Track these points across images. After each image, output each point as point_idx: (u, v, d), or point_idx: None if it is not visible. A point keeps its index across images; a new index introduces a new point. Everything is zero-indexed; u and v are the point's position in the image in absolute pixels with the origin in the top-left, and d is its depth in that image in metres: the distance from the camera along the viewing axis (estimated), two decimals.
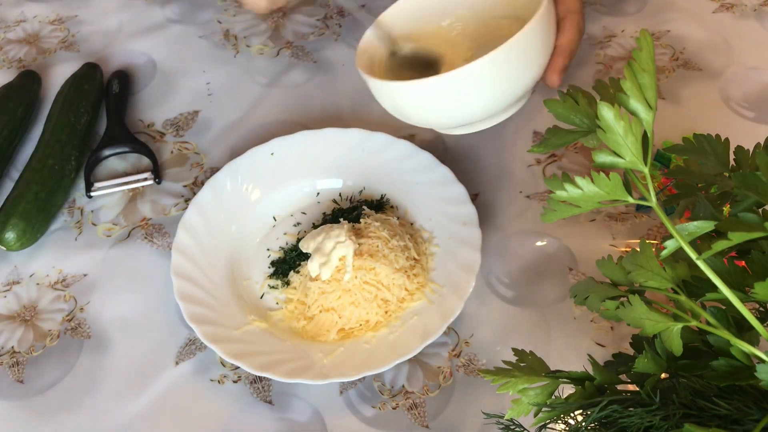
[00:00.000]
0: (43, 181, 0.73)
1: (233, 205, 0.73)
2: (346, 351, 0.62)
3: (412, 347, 0.60)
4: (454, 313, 0.62)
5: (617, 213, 0.73)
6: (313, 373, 0.60)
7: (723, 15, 0.93)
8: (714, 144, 0.50)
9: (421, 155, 0.74)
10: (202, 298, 0.65)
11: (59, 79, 0.85)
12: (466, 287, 0.63)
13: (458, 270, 0.65)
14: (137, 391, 0.63)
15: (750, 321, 0.41)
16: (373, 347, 0.62)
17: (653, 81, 0.41)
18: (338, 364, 0.61)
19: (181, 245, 0.68)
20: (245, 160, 0.75)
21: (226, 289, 0.67)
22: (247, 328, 0.64)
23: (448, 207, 0.70)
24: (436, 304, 0.64)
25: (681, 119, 0.81)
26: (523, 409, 0.45)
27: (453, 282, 0.65)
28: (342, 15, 0.95)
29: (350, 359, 0.61)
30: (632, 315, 0.44)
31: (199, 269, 0.67)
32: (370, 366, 0.60)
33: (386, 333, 0.63)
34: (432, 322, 0.62)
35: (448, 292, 0.64)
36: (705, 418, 0.42)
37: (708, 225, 0.42)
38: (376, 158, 0.75)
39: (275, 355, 0.62)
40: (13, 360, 0.66)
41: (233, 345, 0.62)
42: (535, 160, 0.78)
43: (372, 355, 0.61)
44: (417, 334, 0.62)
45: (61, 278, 0.71)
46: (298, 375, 0.59)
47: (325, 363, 0.61)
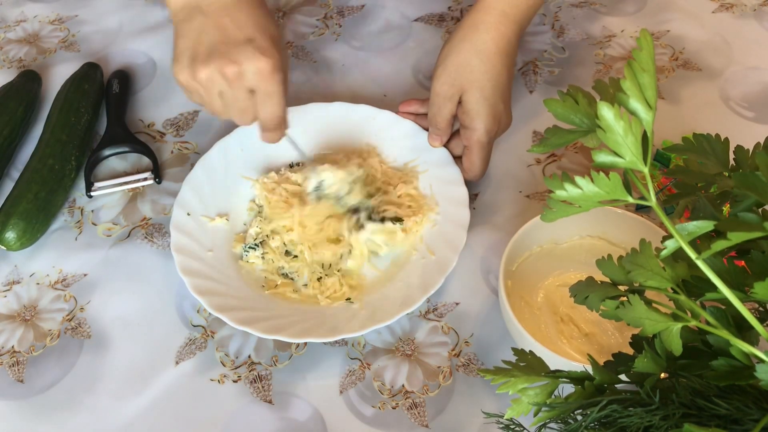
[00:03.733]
0: (44, 181, 0.73)
1: (223, 181, 0.75)
2: (351, 309, 0.66)
3: (415, 299, 0.64)
4: (450, 265, 0.66)
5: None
6: (323, 330, 0.63)
7: (723, 15, 0.93)
8: (714, 144, 0.50)
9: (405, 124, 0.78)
10: (203, 270, 0.67)
11: (59, 79, 0.85)
12: (459, 242, 0.68)
13: (450, 227, 0.69)
14: (137, 391, 0.63)
15: (750, 321, 0.41)
16: (378, 303, 0.65)
17: (653, 81, 0.41)
18: (347, 320, 0.64)
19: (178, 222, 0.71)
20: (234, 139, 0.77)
21: (227, 262, 0.70)
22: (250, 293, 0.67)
23: (437, 169, 0.75)
24: (434, 259, 0.68)
25: (681, 119, 0.81)
26: (522, 408, 0.45)
27: (446, 239, 0.69)
28: (342, 15, 0.95)
29: (357, 315, 0.64)
30: (632, 315, 0.44)
31: (197, 243, 0.70)
32: (376, 319, 0.63)
33: (387, 289, 0.67)
34: (431, 276, 0.66)
35: (442, 248, 0.68)
36: (705, 417, 0.42)
37: (708, 225, 0.42)
38: (363, 128, 0.79)
39: (283, 319, 0.64)
40: (13, 360, 0.66)
41: (239, 313, 0.64)
42: (535, 160, 0.78)
43: (378, 310, 0.64)
44: (418, 288, 0.65)
45: (61, 278, 0.71)
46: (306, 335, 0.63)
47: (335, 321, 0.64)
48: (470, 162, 0.72)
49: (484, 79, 0.69)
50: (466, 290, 0.68)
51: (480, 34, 0.69)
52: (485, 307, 0.67)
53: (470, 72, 0.69)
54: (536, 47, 0.90)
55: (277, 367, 0.64)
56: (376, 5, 0.96)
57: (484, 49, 0.69)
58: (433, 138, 0.74)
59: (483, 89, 0.69)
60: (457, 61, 0.69)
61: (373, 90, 0.86)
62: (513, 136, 0.80)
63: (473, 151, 0.71)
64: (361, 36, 0.93)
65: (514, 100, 0.83)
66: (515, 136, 0.80)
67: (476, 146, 0.70)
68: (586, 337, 0.63)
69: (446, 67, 0.70)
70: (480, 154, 0.71)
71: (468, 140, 0.71)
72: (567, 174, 0.43)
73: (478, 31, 0.69)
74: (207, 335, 0.66)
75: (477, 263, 0.70)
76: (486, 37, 0.69)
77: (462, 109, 0.70)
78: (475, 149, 0.71)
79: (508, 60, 0.70)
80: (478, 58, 0.69)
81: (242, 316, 0.63)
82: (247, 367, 0.64)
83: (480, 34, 0.69)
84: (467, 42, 0.69)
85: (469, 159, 0.72)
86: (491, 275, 0.69)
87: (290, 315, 0.65)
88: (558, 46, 0.90)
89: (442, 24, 0.94)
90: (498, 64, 0.69)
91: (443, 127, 0.72)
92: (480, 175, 0.73)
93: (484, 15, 0.69)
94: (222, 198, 0.74)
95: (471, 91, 0.69)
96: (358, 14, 0.95)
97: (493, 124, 0.70)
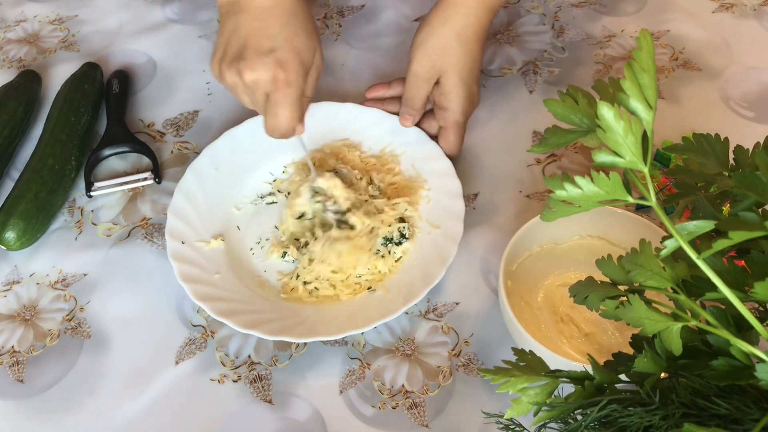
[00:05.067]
0: (43, 181, 0.73)
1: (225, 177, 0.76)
2: (355, 303, 0.66)
3: (418, 293, 0.64)
4: (459, 233, 0.67)
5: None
6: (335, 327, 0.63)
7: (723, 15, 0.93)
8: (713, 143, 0.50)
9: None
10: (194, 258, 0.68)
11: (59, 79, 0.85)
12: (459, 210, 0.69)
13: (446, 199, 0.70)
14: (137, 391, 0.63)
15: (750, 320, 0.41)
16: (381, 296, 0.66)
17: (653, 81, 0.41)
18: (354, 314, 0.64)
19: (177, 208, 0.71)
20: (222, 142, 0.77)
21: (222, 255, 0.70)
22: (245, 291, 0.67)
23: (415, 147, 0.76)
24: (440, 232, 0.69)
25: (681, 119, 0.81)
26: (522, 408, 0.45)
27: (446, 211, 0.70)
28: (342, 15, 0.95)
29: (363, 310, 0.65)
30: (632, 314, 0.44)
31: (191, 228, 0.70)
32: (384, 313, 0.63)
33: (405, 270, 0.68)
34: (432, 266, 0.66)
35: (440, 237, 0.68)
36: (704, 417, 0.42)
37: (708, 224, 0.42)
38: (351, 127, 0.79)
39: (266, 314, 0.64)
40: (13, 359, 0.66)
41: (222, 304, 0.64)
42: (534, 160, 0.78)
43: (383, 302, 0.65)
44: (419, 281, 0.65)
45: (61, 278, 0.71)
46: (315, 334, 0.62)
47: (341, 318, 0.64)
48: (447, 141, 0.75)
49: (462, 63, 0.72)
50: (466, 290, 0.68)
51: (460, 18, 0.72)
52: (485, 307, 0.67)
53: (451, 55, 0.71)
54: (536, 47, 0.90)
55: (277, 367, 0.64)
56: (376, 5, 0.96)
57: (463, 34, 0.72)
58: (405, 118, 0.76)
59: (461, 72, 0.72)
60: (438, 44, 0.72)
61: None
62: (513, 136, 0.80)
63: (450, 131, 0.74)
64: (361, 36, 0.93)
65: (514, 100, 0.83)
66: (515, 136, 0.80)
67: (453, 126, 0.74)
68: (586, 337, 0.63)
69: (426, 50, 0.72)
70: (458, 132, 0.74)
71: (445, 121, 0.74)
72: (567, 174, 0.43)
73: (459, 15, 0.72)
74: (207, 335, 0.66)
75: (477, 263, 0.70)
76: (466, 21, 0.72)
77: (439, 91, 0.73)
78: (451, 129, 0.74)
79: (482, 44, 0.74)
80: (458, 42, 0.71)
81: (247, 320, 0.63)
82: (247, 366, 0.64)
83: (460, 18, 0.72)
84: (448, 26, 0.72)
85: (446, 138, 0.74)
86: (491, 275, 0.69)
87: (295, 315, 0.65)
88: (558, 46, 0.90)
89: None
90: (475, 48, 0.73)
91: (419, 107, 0.75)
92: (457, 152, 0.76)
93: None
94: (212, 222, 0.72)
95: (450, 73, 0.72)
96: (358, 14, 0.95)
97: (469, 105, 0.74)
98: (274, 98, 0.64)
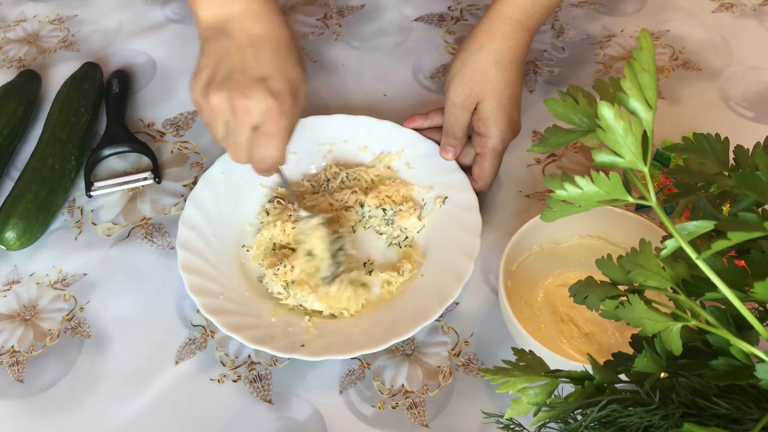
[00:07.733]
0: (43, 181, 0.73)
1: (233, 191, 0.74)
2: (367, 321, 0.65)
3: (433, 310, 0.63)
4: (467, 273, 0.65)
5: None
6: (346, 346, 0.62)
7: (722, 15, 0.93)
8: (713, 143, 0.50)
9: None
10: (205, 269, 0.67)
11: (59, 78, 0.85)
12: (473, 247, 0.66)
13: (460, 232, 0.68)
14: (137, 391, 0.63)
15: (749, 320, 0.41)
16: (397, 313, 0.64)
17: (653, 80, 0.41)
18: (366, 331, 0.63)
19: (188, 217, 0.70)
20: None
21: (231, 264, 0.69)
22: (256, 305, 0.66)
23: (442, 175, 0.74)
24: (447, 267, 0.66)
25: (681, 119, 0.81)
26: (522, 408, 0.45)
27: (457, 244, 0.68)
28: (342, 15, 0.95)
29: (376, 327, 0.63)
30: (632, 314, 0.44)
31: (204, 241, 0.69)
32: (396, 332, 0.62)
33: (405, 297, 0.66)
34: (448, 284, 0.65)
35: (454, 252, 0.67)
36: (704, 417, 0.42)
37: (707, 224, 0.42)
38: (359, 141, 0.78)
39: (272, 329, 0.63)
40: (13, 359, 0.66)
41: (232, 318, 0.63)
42: (534, 160, 0.78)
43: (399, 319, 0.63)
44: (434, 298, 0.64)
45: (61, 278, 0.71)
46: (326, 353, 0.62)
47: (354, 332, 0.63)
48: (482, 169, 0.71)
49: (502, 88, 0.69)
50: (466, 290, 0.68)
51: (497, 43, 0.69)
52: (485, 307, 0.67)
53: (488, 81, 0.69)
54: (536, 47, 0.90)
55: (276, 367, 0.64)
56: (376, 5, 0.96)
57: (501, 59, 0.69)
58: (446, 150, 0.72)
59: (501, 97, 0.69)
60: (474, 70, 0.69)
61: (373, 90, 0.86)
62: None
63: (486, 159, 0.71)
64: (361, 36, 0.93)
65: None
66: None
67: (491, 154, 0.70)
68: (586, 337, 0.63)
69: (462, 77, 0.70)
70: (493, 161, 0.71)
71: (483, 148, 0.71)
72: (567, 174, 0.42)
73: (495, 40, 0.69)
74: (207, 335, 0.66)
75: (477, 263, 0.70)
76: (503, 45, 0.69)
77: (478, 117, 0.70)
78: (488, 157, 0.71)
79: (522, 68, 0.71)
80: (496, 67, 0.69)
81: (257, 334, 0.62)
82: (246, 366, 0.64)
83: (497, 43, 0.69)
84: (485, 51, 0.69)
85: (481, 167, 0.71)
86: (491, 275, 0.69)
87: (305, 332, 0.64)
88: (558, 46, 0.90)
89: (442, 24, 0.94)
90: (514, 72, 0.70)
91: (460, 137, 0.72)
92: (489, 184, 0.73)
93: (499, 23, 0.70)
94: (224, 233, 0.71)
95: (488, 99, 0.69)
96: (358, 14, 0.95)
97: (509, 132, 0.71)
98: (267, 129, 0.61)
